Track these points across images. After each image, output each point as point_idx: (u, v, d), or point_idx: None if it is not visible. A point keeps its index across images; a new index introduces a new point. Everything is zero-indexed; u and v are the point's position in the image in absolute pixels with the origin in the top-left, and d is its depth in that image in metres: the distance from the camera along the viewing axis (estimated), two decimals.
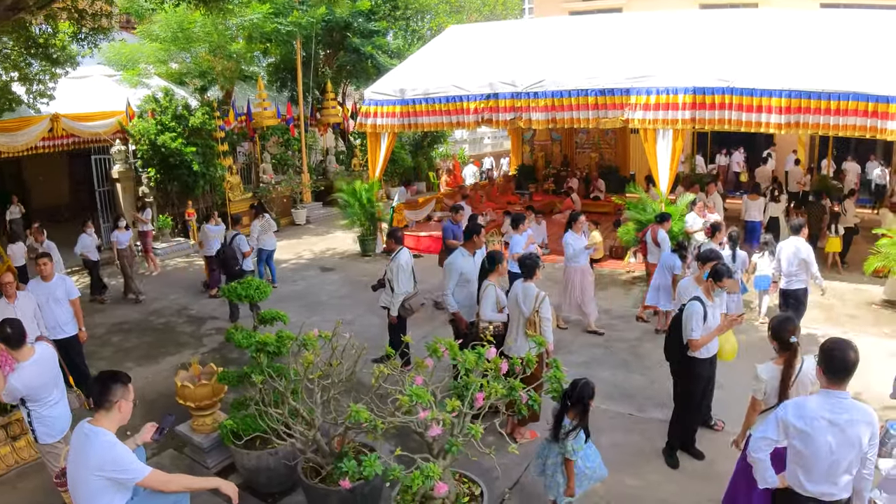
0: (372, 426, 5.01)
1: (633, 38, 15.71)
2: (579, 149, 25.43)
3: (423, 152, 27.75)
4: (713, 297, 6.85)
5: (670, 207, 12.78)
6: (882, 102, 12.03)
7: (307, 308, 12.60)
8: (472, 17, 39.24)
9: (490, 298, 7.64)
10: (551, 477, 5.76)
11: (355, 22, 24.73)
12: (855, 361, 4.16)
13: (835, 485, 4.26)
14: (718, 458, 7.14)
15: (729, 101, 12.65)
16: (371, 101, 15.95)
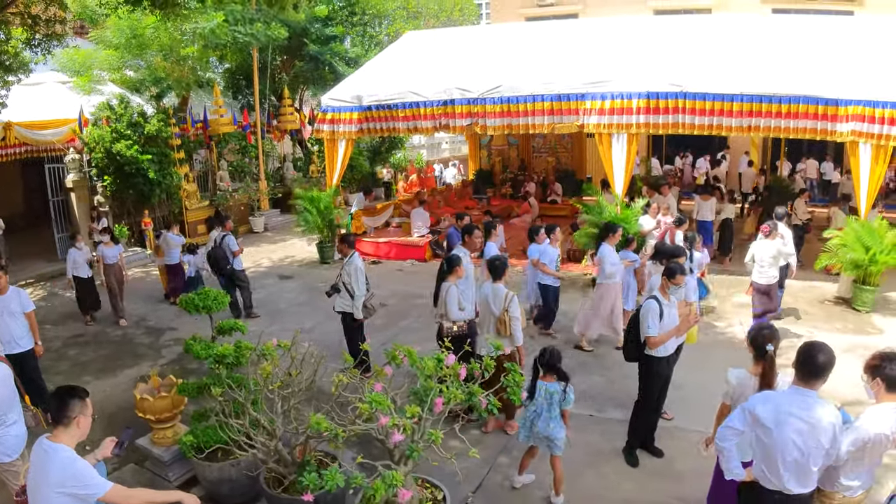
0: (333, 435, 5.04)
1: (588, 44, 15.93)
2: (536, 153, 25.65)
3: (381, 158, 27.74)
4: (669, 295, 7.03)
5: (626, 210, 13.00)
6: (832, 105, 12.41)
7: (266, 317, 12.56)
8: (429, 23, 39.27)
9: (453, 298, 7.89)
10: (546, 437, 6.33)
11: (312, 28, 24.67)
12: (825, 364, 4.35)
13: (799, 480, 4.42)
14: (678, 457, 7.32)
15: (682, 105, 12.94)
16: (328, 108, 15.95)
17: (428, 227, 17.23)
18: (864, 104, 12.28)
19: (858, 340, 10.67)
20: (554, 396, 6.25)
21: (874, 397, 4.66)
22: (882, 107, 12.21)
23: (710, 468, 5.74)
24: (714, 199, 15.84)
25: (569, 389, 6.29)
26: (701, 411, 7.26)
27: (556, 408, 6.26)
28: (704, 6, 23.95)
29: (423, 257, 16.49)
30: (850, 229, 12.56)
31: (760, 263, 10.77)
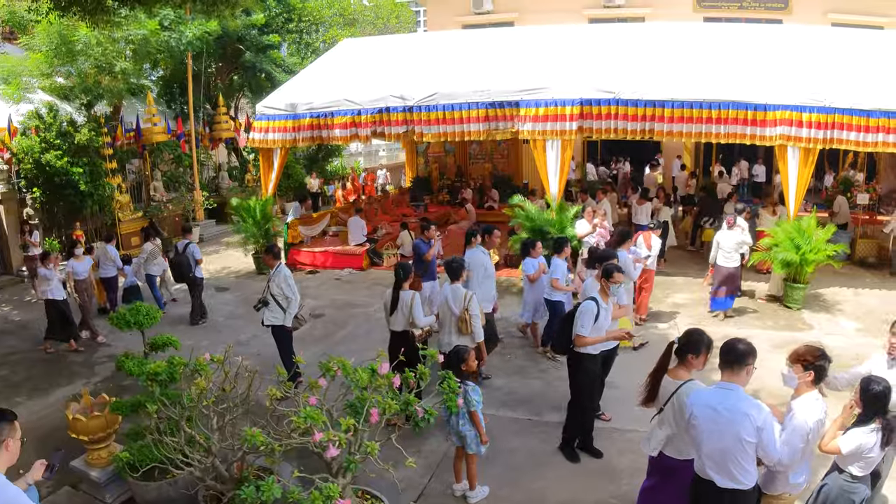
0: (269, 449, 4.99)
1: (523, 51, 16.09)
2: (473, 160, 25.83)
3: (318, 166, 27.54)
4: (608, 297, 7.22)
5: (560, 215, 13.15)
6: (760, 110, 12.80)
7: (202, 330, 12.33)
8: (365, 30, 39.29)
9: (419, 305, 8.10)
10: (458, 433, 6.39)
11: (248, 35, 24.42)
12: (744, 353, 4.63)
13: (727, 474, 4.58)
14: (615, 456, 7.49)
15: (615, 111, 13.17)
16: (262, 116, 15.73)
17: (365, 236, 17.15)
18: (792, 109, 12.73)
19: (790, 337, 10.97)
20: (466, 396, 6.25)
21: (794, 385, 4.90)
22: (809, 111, 12.68)
23: (645, 465, 5.83)
24: (649, 204, 16.12)
25: (468, 391, 6.25)
26: (637, 411, 7.35)
27: (464, 406, 6.28)
28: (638, 15, 24.33)
29: (361, 266, 16.42)
30: (781, 230, 12.92)
31: (726, 251, 11.99)
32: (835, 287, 14.22)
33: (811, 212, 13.43)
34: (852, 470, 4.99)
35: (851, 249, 16.39)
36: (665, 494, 5.47)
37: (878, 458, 5.02)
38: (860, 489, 4.99)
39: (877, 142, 12.84)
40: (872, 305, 12.94)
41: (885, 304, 13.00)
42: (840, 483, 5.05)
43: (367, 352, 9.02)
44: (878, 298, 13.62)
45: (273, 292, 9.11)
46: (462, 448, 6.58)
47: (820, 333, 11.56)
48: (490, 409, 8.04)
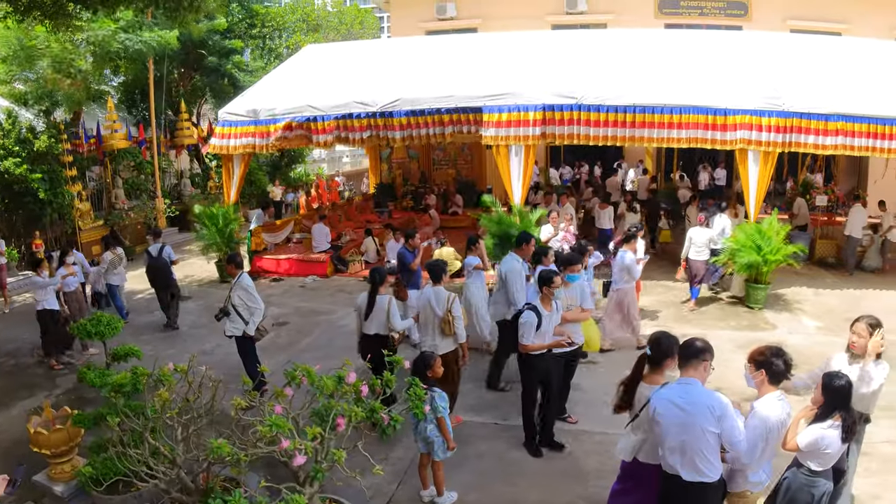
0: (235, 460, 4.94)
1: (487, 57, 16.13)
2: (437, 165, 25.82)
3: (281, 173, 27.36)
4: (551, 304, 7.36)
5: (525, 220, 13.20)
6: (720, 115, 13.02)
7: (165, 340, 12.12)
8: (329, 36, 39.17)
9: (395, 309, 8.27)
10: (430, 443, 6.41)
11: (211, 40, 24.23)
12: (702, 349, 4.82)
13: (692, 467, 4.68)
14: (583, 458, 7.55)
15: (577, 116, 13.29)
16: (224, 122, 15.58)
17: (329, 243, 17.07)
18: (752, 113, 12.99)
19: (753, 336, 11.14)
20: (432, 402, 6.27)
21: (755, 386, 5.03)
22: (768, 115, 12.94)
23: (614, 467, 5.85)
24: (611, 208, 16.28)
25: (434, 397, 6.27)
26: (604, 413, 7.44)
27: (431, 412, 6.31)
28: (600, 21, 24.51)
29: (325, 273, 16.30)
30: (743, 232, 13.12)
31: (697, 246, 12.87)
32: (795, 287, 14.51)
33: (771, 214, 13.64)
34: (811, 465, 5.07)
35: (811, 250, 16.77)
36: (636, 498, 5.50)
37: (838, 453, 5.08)
38: (820, 483, 5.07)
39: (835, 145, 13.18)
40: (832, 304, 13.19)
41: (845, 303, 13.26)
42: (799, 478, 5.13)
43: (332, 360, 8.89)
44: (837, 298, 13.93)
45: (234, 302, 8.95)
46: (428, 454, 6.58)
47: (782, 332, 11.78)
48: (456, 413, 8.04)
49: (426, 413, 6.11)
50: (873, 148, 13.25)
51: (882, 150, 13.35)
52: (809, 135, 13.07)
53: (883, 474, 7.30)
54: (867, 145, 13.21)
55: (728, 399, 4.79)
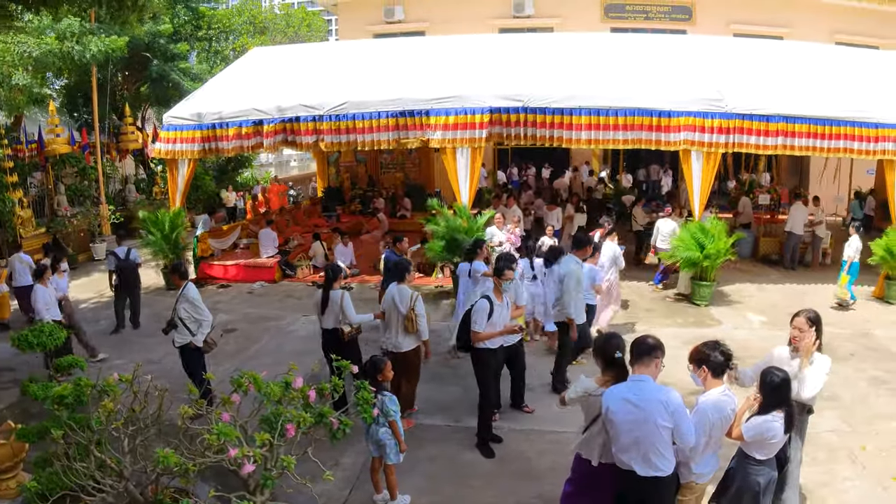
0: (183, 470, 4.86)
1: (434, 60, 16.14)
2: (385, 169, 25.84)
3: (228, 178, 27.02)
4: (502, 295, 7.65)
5: (471, 222, 13.28)
6: (664, 117, 13.25)
7: (112, 350, 11.73)
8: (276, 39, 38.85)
9: (349, 302, 8.50)
10: (382, 446, 6.42)
11: (156, 43, 23.85)
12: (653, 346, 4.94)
13: (646, 462, 4.78)
14: (537, 457, 7.62)
15: (524, 119, 13.40)
16: (169, 126, 15.24)
17: (276, 248, 16.90)
18: (695, 115, 13.26)
19: (699, 332, 11.25)
20: (383, 406, 6.32)
21: (702, 384, 5.14)
22: (711, 117, 13.21)
23: (565, 465, 5.88)
24: (559, 209, 16.41)
25: (385, 400, 6.33)
26: (553, 412, 7.57)
27: (382, 416, 6.35)
28: (547, 25, 24.75)
29: (273, 278, 16.11)
30: (686, 231, 13.35)
31: (663, 234, 14.26)
32: (740, 283, 14.90)
33: (714, 213, 13.92)
34: (756, 455, 5.22)
35: (755, 247, 17.17)
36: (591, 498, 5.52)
37: (781, 443, 5.24)
38: (765, 472, 5.23)
39: (776, 145, 13.50)
40: (776, 299, 13.51)
41: (788, 298, 13.58)
42: (745, 467, 5.29)
43: (282, 366, 8.68)
44: (780, 293, 14.33)
45: (180, 315, 8.77)
46: (380, 458, 6.56)
47: (728, 328, 12.08)
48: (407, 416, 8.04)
49: (376, 416, 6.12)
50: (813, 147, 13.67)
51: (822, 150, 13.78)
52: (751, 135, 13.39)
53: (829, 463, 7.53)
54: (807, 145, 13.61)
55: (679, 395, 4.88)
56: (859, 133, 13.62)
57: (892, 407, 9.08)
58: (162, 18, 25.55)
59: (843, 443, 8.03)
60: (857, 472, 7.39)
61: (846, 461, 7.63)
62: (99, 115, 21.11)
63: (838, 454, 7.77)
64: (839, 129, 13.58)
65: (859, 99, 14.22)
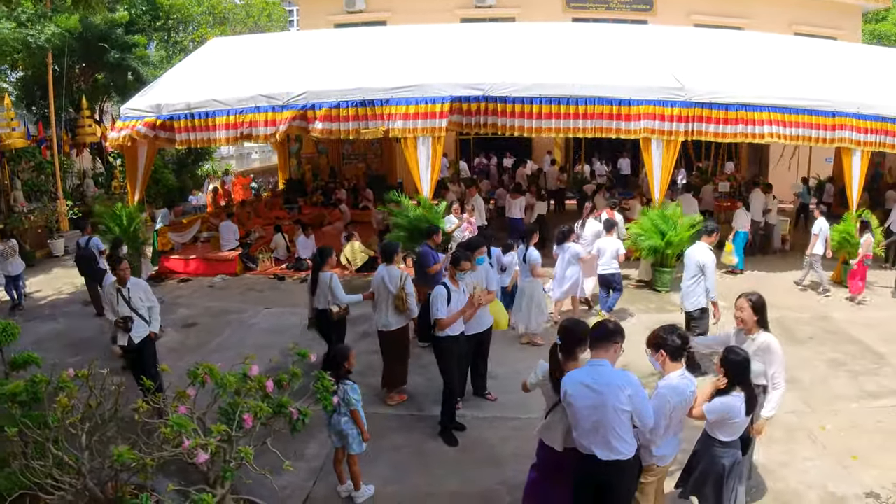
0: (141, 465, 4.79)
1: (395, 50, 16.03)
2: (346, 160, 25.81)
3: (188, 170, 26.68)
4: (458, 282, 7.72)
5: (432, 211, 13.26)
6: (625, 105, 13.35)
7: (70, 347, 11.48)
8: (236, 29, 38.53)
9: (338, 284, 8.85)
10: (344, 436, 6.40)
11: (113, 34, 23.41)
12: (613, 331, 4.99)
13: (607, 446, 4.80)
14: (498, 444, 7.68)
15: (485, 108, 13.41)
16: (127, 118, 14.86)
17: (237, 241, 16.71)
18: (655, 104, 13.37)
19: (660, 318, 11.33)
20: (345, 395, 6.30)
21: (660, 368, 5.24)
22: (671, 105, 13.34)
23: (529, 451, 5.90)
24: (522, 198, 16.45)
25: (347, 389, 6.30)
26: (516, 398, 7.70)
27: (344, 405, 6.34)
28: (509, 15, 24.81)
29: (234, 271, 15.94)
30: (647, 218, 13.46)
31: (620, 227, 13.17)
32: None
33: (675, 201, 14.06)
34: (720, 436, 5.30)
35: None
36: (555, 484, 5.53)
37: (745, 424, 5.33)
38: (729, 454, 5.33)
39: (735, 133, 13.64)
40: (735, 284, 13.64)
41: (747, 282, 13.82)
42: (710, 449, 5.38)
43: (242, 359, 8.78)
44: (741, 279, 14.62)
45: (136, 306, 8.58)
46: (342, 449, 6.54)
47: None
48: (371, 407, 8.01)
49: (337, 406, 6.11)
50: (771, 135, 13.83)
51: (780, 137, 13.96)
52: (710, 123, 13.54)
53: (788, 443, 7.70)
54: (766, 133, 13.76)
55: (637, 378, 4.92)
56: (817, 121, 13.88)
57: (851, 388, 9.29)
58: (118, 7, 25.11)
59: (802, 423, 8.20)
60: (817, 452, 7.54)
61: (806, 441, 7.79)
62: (56, 108, 20.67)
63: (798, 435, 7.93)
64: (797, 117, 13.81)
65: (817, 88, 14.45)
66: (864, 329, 11.62)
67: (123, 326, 8.50)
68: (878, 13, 38.75)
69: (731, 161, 26.97)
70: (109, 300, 8.66)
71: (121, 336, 8.60)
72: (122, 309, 8.51)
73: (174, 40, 32.60)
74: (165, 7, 30.44)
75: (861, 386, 9.36)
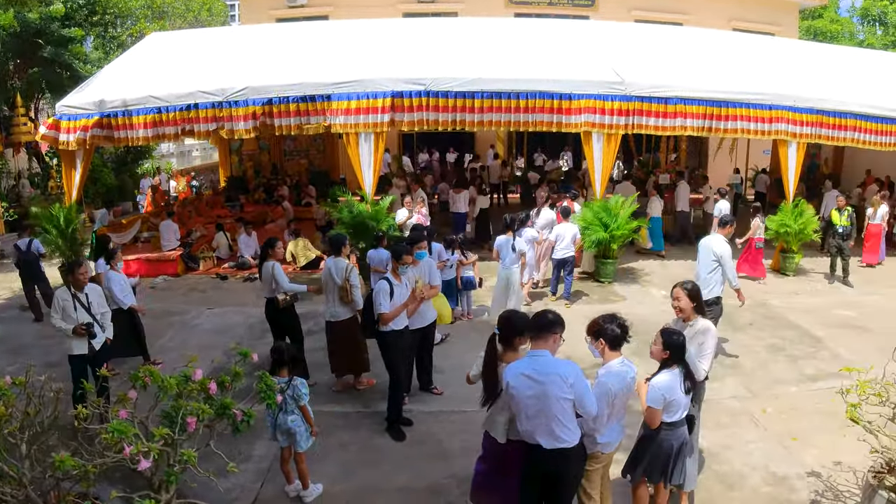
0: (83, 472, 4.69)
1: (337, 45, 15.94)
2: (288, 156, 25.64)
3: (127, 169, 26.15)
4: (400, 276, 7.78)
5: (375, 207, 13.30)
6: (565, 99, 13.46)
7: (9, 354, 11.10)
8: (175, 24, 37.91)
9: (280, 271, 8.97)
10: (292, 434, 6.33)
11: (48, 29, 22.83)
12: (552, 322, 4.99)
13: (551, 434, 4.84)
14: (446, 438, 7.72)
15: (426, 103, 13.39)
16: (63, 116, 14.41)
17: (178, 240, 16.37)
18: (596, 98, 13.54)
19: (603, 308, 11.36)
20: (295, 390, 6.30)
21: (600, 356, 5.30)
22: (611, 100, 13.54)
23: (477, 444, 5.91)
24: (466, 192, 16.53)
25: (297, 385, 6.30)
26: (462, 392, 7.70)
27: (292, 402, 6.31)
28: (451, 10, 24.84)
29: (176, 272, 15.63)
30: (589, 210, 13.63)
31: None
32: (643, 260, 15.50)
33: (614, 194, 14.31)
34: (665, 417, 5.40)
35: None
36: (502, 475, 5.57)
37: (684, 402, 5.46)
38: (675, 434, 5.47)
39: (674, 126, 13.91)
40: (677, 274, 13.83)
41: (689, 272, 13.85)
42: (656, 432, 5.48)
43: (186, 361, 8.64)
44: (682, 268, 14.87)
45: (95, 311, 8.23)
46: (289, 448, 6.49)
47: (631, 303, 12.53)
48: (317, 405, 7.92)
49: (282, 403, 6.10)
50: (710, 128, 14.20)
51: (718, 130, 14.35)
52: (650, 117, 13.79)
53: (732, 427, 7.95)
54: (704, 126, 14.12)
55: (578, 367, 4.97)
56: (754, 114, 14.25)
57: (790, 372, 9.62)
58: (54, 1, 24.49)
59: (744, 407, 8.47)
60: (759, 435, 7.81)
61: (749, 425, 8.05)
62: None
63: (741, 418, 8.19)
64: (735, 110, 14.15)
65: (754, 82, 14.85)
66: (801, 315, 12.03)
67: (87, 332, 8.02)
68: (815, 10, 39.92)
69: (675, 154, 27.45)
70: (63, 306, 8.04)
71: (78, 344, 8.09)
72: (80, 315, 8.05)
73: (111, 35, 31.90)
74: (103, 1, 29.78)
75: (800, 370, 9.71)
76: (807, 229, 14.63)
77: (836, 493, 6.57)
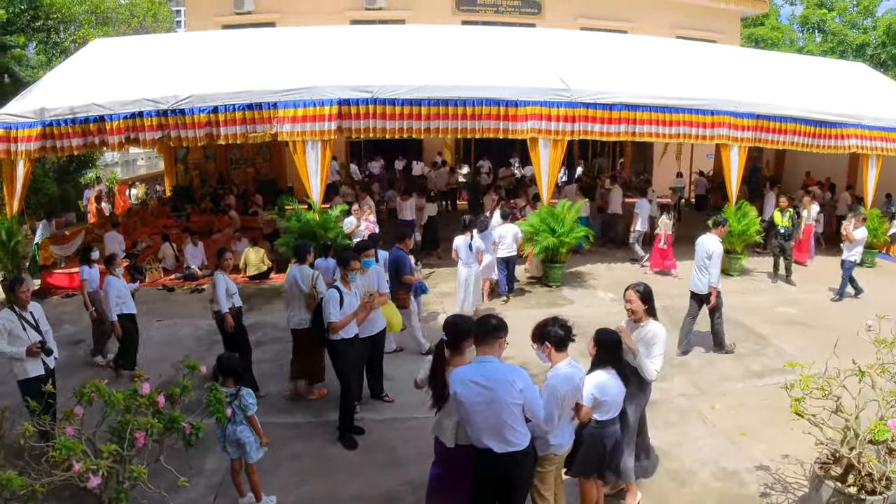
0: (30, 492, 4.61)
1: (284, 52, 15.88)
2: (235, 164, 25.41)
3: (70, 178, 25.59)
4: (349, 284, 7.77)
5: (323, 216, 13.33)
6: (511, 106, 13.61)
7: None
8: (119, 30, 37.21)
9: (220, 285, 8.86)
10: (242, 445, 6.30)
11: None
12: (496, 327, 4.99)
13: (501, 438, 4.86)
14: (400, 445, 7.72)
15: (373, 110, 13.45)
16: (3, 125, 14.17)
17: (124, 251, 16.01)
18: (542, 104, 13.72)
19: (551, 312, 11.51)
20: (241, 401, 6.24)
21: (547, 360, 5.34)
22: (557, 106, 13.73)
23: (431, 450, 5.88)
24: (413, 199, 16.57)
25: (244, 395, 6.25)
26: (413, 399, 7.73)
27: (239, 412, 6.26)
28: (398, 17, 24.84)
29: None
30: (537, 216, 13.79)
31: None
32: (590, 264, 15.73)
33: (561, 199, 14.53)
34: (597, 416, 5.58)
35: (604, 229, 18.05)
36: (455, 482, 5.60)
37: (617, 401, 5.63)
38: (608, 432, 5.65)
39: (619, 132, 14.17)
40: (624, 277, 14.14)
41: (635, 276, 14.38)
42: (589, 429, 5.64)
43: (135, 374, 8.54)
44: (628, 271, 15.25)
45: (44, 329, 7.88)
46: (240, 460, 6.45)
47: (579, 307, 12.67)
48: (267, 416, 7.90)
49: (231, 416, 6.07)
50: (654, 134, 14.54)
51: (662, 136, 14.67)
52: (595, 123, 14.05)
53: (681, 425, 8.14)
54: (649, 131, 14.43)
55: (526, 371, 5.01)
56: (696, 119, 14.65)
57: (737, 369, 9.89)
58: None
59: (693, 405, 8.67)
60: (708, 431, 8.01)
61: (698, 422, 8.25)
62: None
63: (689, 416, 8.39)
64: (678, 115, 14.52)
65: (697, 88, 15.26)
66: (746, 313, 12.34)
67: (42, 350, 7.64)
68: (756, 18, 40.77)
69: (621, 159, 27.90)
70: (10, 329, 7.52)
71: (32, 366, 7.63)
72: (31, 335, 7.64)
73: (54, 41, 31.23)
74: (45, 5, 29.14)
75: (746, 366, 9.99)
76: (750, 230, 15.02)
77: (785, 485, 6.77)
